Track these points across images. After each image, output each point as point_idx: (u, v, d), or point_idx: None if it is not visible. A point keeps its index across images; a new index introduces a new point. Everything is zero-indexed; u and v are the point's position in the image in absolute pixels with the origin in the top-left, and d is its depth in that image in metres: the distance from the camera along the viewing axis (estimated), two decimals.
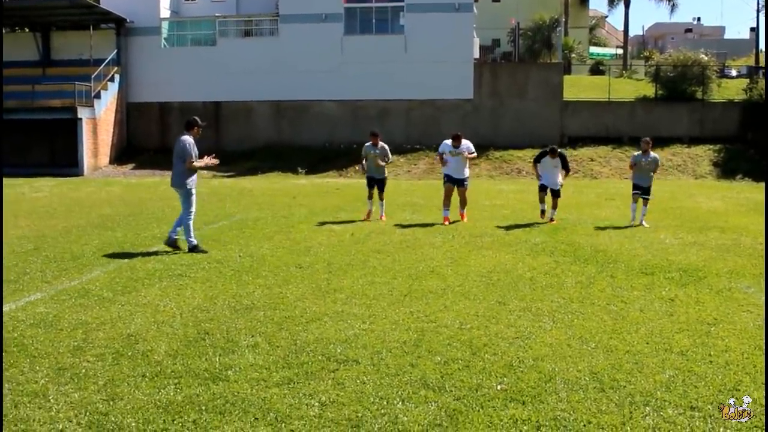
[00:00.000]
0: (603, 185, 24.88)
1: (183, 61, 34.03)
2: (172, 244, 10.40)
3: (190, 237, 10.35)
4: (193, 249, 10.26)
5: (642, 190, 13.58)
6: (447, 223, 13.46)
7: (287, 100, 33.38)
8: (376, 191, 14.46)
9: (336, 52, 32.91)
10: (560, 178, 14.13)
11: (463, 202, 14.05)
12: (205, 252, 10.14)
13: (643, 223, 13.36)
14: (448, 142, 13.85)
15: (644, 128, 31.84)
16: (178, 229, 10.49)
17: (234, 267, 9.14)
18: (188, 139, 10.33)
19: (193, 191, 10.48)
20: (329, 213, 15.40)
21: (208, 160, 10.60)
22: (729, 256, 10.03)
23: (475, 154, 14.25)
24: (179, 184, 10.42)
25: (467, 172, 14.07)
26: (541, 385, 4.89)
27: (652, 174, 13.66)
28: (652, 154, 13.71)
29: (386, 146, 14.55)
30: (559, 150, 14.03)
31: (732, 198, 19.82)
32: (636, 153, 14.14)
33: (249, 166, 30.47)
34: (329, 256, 10.00)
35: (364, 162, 14.49)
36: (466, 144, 13.81)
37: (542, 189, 14.17)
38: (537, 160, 14.36)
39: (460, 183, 13.88)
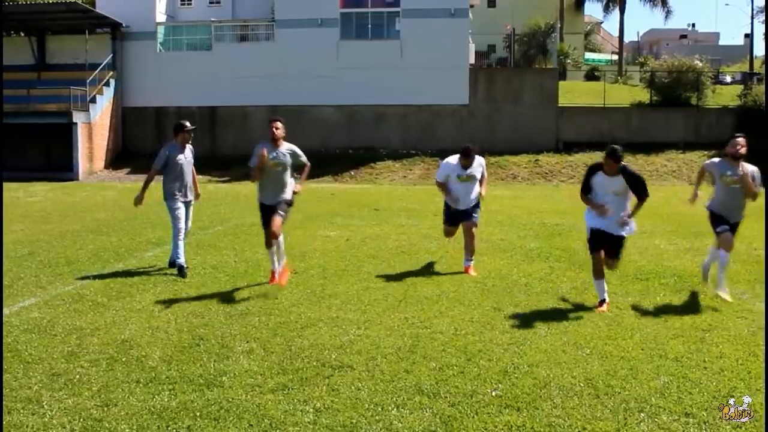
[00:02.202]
0: None
1: (179, 65, 34.02)
2: (177, 268, 9.11)
3: (176, 255, 9.11)
4: (172, 265, 9.20)
5: (730, 226, 8.13)
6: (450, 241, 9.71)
7: (283, 105, 33.31)
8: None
9: (332, 58, 32.94)
10: (628, 213, 7.33)
11: (471, 247, 9.24)
12: (184, 277, 8.79)
13: (723, 293, 7.65)
14: (453, 161, 9.26)
15: (639, 134, 32.01)
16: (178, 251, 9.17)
17: (229, 272, 9.13)
18: (166, 146, 9.23)
19: (174, 205, 9.18)
20: (324, 218, 15.38)
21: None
22: None
23: (485, 182, 9.64)
24: (163, 196, 9.32)
25: (475, 197, 9.36)
26: (535, 391, 4.89)
27: (747, 198, 8.06)
28: (749, 167, 7.82)
29: (296, 149, 8.54)
30: (623, 162, 7.23)
31: None
32: (716, 159, 8.29)
33: (244, 172, 30.37)
34: (324, 261, 9.99)
35: (256, 174, 8.30)
36: (480, 162, 9.38)
37: (596, 240, 7.43)
38: (587, 183, 7.40)
39: (467, 216, 9.28)
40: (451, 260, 10.13)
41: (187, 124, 9.40)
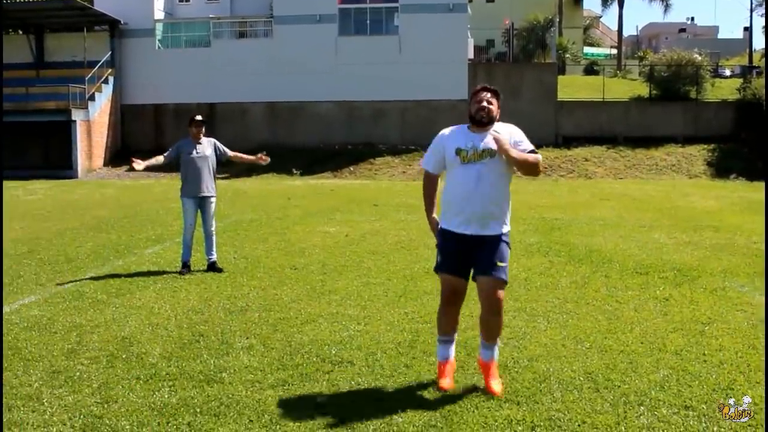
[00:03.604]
0: (598, 185, 24.92)
1: (177, 62, 34.02)
2: (181, 264, 9.13)
3: (185, 254, 9.12)
4: (210, 267, 9.11)
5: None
6: (445, 382, 4.82)
7: (282, 101, 33.38)
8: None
9: (330, 53, 32.93)
10: None
11: (493, 328, 4.84)
12: (182, 274, 8.80)
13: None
14: (451, 131, 4.90)
15: (639, 128, 32.02)
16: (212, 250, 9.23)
17: (228, 269, 9.13)
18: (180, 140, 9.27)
19: (183, 204, 9.17)
20: (324, 214, 15.38)
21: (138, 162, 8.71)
22: (723, 255, 10.05)
23: (538, 156, 4.88)
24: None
25: (502, 202, 4.93)
26: (535, 385, 4.89)
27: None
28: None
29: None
30: None
31: (726, 197, 19.87)
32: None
33: (244, 168, 30.43)
34: (324, 257, 9.99)
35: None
36: (509, 130, 4.85)
37: None
38: None
39: (486, 261, 4.73)
40: None
41: (198, 117, 9.22)
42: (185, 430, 4.24)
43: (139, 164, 8.71)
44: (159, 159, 9.18)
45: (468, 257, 4.75)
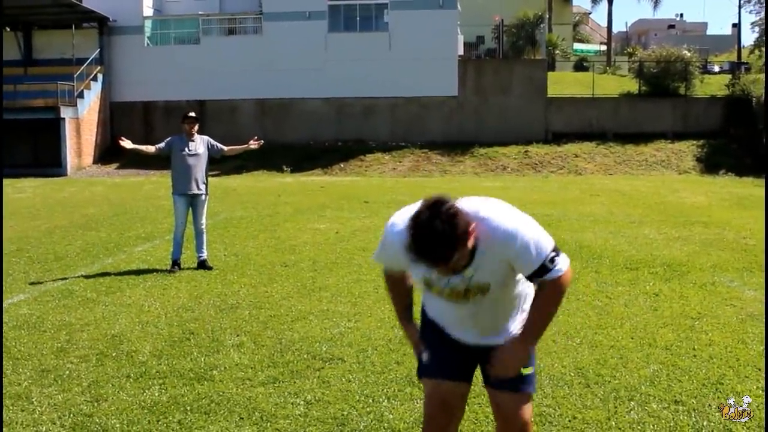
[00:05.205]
0: (588, 181, 24.97)
1: (166, 59, 33.84)
2: (201, 264, 9.07)
3: (175, 252, 9.03)
4: (201, 265, 9.04)
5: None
6: None
7: (271, 98, 33.26)
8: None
9: (320, 50, 32.84)
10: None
11: None
12: (172, 272, 8.74)
13: None
14: (398, 240, 2.79)
15: (628, 124, 32.10)
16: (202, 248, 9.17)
17: (219, 266, 9.11)
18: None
19: (174, 201, 9.14)
20: (314, 211, 15.36)
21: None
22: (713, 250, 10.09)
23: (556, 276, 3.01)
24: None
25: (521, 314, 3.06)
26: None
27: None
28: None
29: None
30: None
31: (715, 193, 19.94)
32: None
33: (234, 165, 30.33)
34: (314, 254, 9.98)
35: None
36: (496, 243, 2.93)
37: None
38: None
39: (508, 380, 2.96)
40: None
41: (191, 114, 9.20)
42: (176, 428, 4.23)
43: (127, 143, 8.79)
44: (150, 148, 9.23)
45: (473, 356, 3.11)
